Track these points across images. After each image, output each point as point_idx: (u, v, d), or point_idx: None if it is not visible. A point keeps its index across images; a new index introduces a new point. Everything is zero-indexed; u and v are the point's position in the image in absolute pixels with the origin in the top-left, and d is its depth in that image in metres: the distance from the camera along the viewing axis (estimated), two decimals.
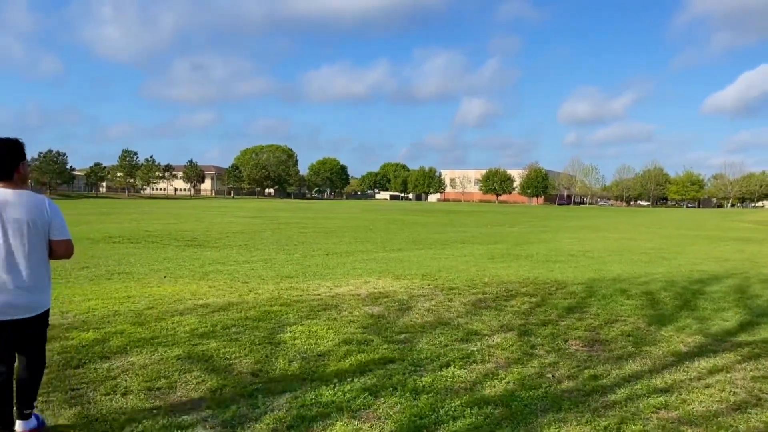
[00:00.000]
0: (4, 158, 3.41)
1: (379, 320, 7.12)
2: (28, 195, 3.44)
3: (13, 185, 3.43)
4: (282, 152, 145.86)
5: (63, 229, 3.54)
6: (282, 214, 45.16)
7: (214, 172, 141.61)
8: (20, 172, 3.48)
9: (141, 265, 12.77)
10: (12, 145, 3.48)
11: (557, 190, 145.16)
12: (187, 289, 9.48)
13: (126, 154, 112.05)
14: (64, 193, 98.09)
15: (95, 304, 7.88)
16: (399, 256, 15.95)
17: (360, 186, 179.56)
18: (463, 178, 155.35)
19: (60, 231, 3.52)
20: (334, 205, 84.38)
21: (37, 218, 3.41)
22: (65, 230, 3.56)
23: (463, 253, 16.84)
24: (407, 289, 9.82)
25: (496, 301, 8.76)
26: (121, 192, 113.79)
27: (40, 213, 3.43)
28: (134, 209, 48.32)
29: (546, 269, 13.03)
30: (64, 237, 3.53)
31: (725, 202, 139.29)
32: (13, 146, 3.47)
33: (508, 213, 62.82)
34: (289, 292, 9.26)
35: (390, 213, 52.48)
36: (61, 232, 3.51)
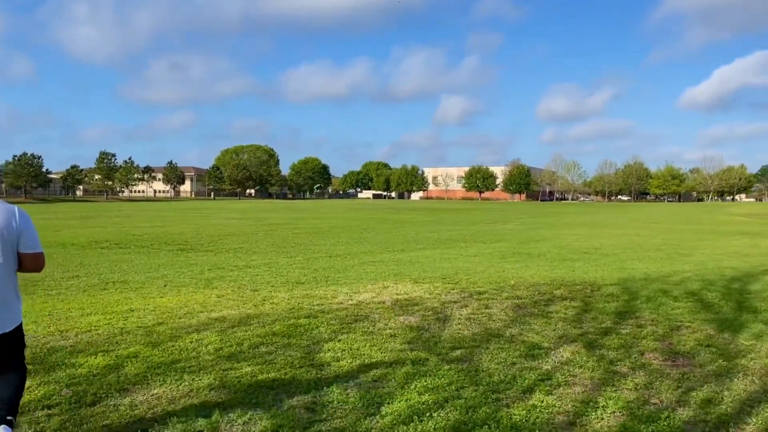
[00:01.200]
0: None
1: (421, 333, 6.36)
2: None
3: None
4: (263, 152, 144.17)
5: (33, 242, 3.30)
6: (268, 215, 44.17)
7: (193, 174, 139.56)
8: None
9: (136, 273, 11.88)
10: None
11: (540, 186, 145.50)
12: (193, 300, 8.64)
13: (104, 156, 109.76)
14: (40, 197, 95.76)
15: (97, 321, 7.01)
16: (406, 257, 15.21)
17: (342, 185, 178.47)
18: (446, 176, 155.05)
19: (30, 243, 3.27)
20: (318, 204, 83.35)
21: (4, 228, 3.18)
22: (36, 242, 3.31)
23: (471, 253, 16.15)
24: (433, 294, 9.08)
25: (536, 306, 8.06)
26: (99, 195, 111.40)
27: (9, 223, 3.20)
28: (115, 212, 46.95)
29: (567, 269, 12.38)
30: (35, 250, 3.30)
31: (705, 195, 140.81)
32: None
33: (496, 210, 62.43)
34: (307, 301, 8.46)
35: (377, 212, 51.72)
36: (31, 245, 3.27)
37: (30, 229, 3.29)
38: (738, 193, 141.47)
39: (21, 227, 3.23)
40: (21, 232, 3.23)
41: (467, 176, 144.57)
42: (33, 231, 3.31)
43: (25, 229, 3.25)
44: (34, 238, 3.29)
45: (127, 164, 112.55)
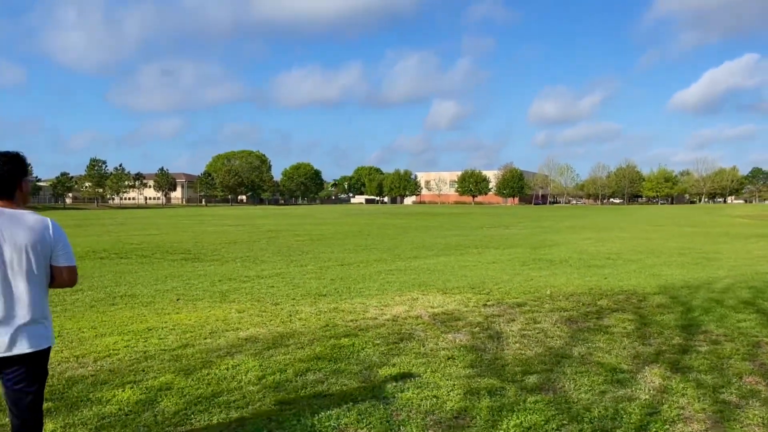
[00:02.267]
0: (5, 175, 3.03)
1: (480, 354, 5.72)
2: (30, 215, 3.06)
3: (14, 204, 3.05)
4: (255, 158, 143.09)
5: (68, 255, 3.12)
6: (264, 221, 43.38)
7: (184, 180, 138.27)
8: (22, 189, 3.10)
9: (143, 285, 11.17)
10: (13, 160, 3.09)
11: (533, 190, 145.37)
12: (213, 316, 7.96)
13: (94, 163, 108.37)
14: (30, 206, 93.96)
15: (114, 343, 6.32)
16: (422, 265, 14.58)
17: (334, 190, 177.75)
18: (439, 180, 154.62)
19: (64, 256, 3.10)
20: (312, 210, 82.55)
21: (38, 242, 2.99)
22: (70, 255, 3.14)
23: (489, 260, 15.55)
24: (470, 307, 8.45)
25: (587, 319, 7.45)
26: (89, 202, 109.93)
27: (42, 236, 3.01)
28: (108, 220, 45.98)
29: (597, 276, 11.80)
30: (69, 263, 3.11)
31: (698, 198, 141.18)
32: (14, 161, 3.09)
33: (493, 214, 61.93)
34: (338, 317, 7.81)
35: (375, 217, 51.05)
36: (65, 258, 3.10)
37: (64, 241, 3.10)
38: (729, 195, 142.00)
39: (55, 240, 3.05)
40: (56, 244, 3.05)
41: (460, 180, 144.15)
42: (67, 244, 3.12)
43: (59, 241, 3.07)
44: (68, 250, 3.11)
45: (117, 171, 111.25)
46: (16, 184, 3.02)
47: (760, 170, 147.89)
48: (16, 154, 3.07)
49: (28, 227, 2.96)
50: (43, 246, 2.99)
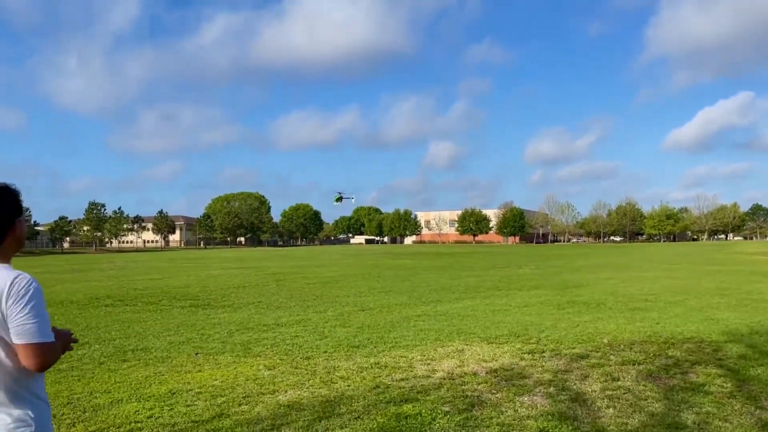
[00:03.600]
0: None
1: (576, 425, 4.81)
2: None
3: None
4: (254, 199, 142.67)
5: (25, 328, 2.10)
6: (268, 263, 42.38)
7: (183, 223, 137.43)
8: (15, 232, 2.29)
9: (154, 337, 10.22)
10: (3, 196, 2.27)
11: (533, 228, 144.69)
12: (241, 374, 7.03)
13: (93, 206, 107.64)
14: (27, 250, 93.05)
15: (134, 412, 5.39)
16: (449, 309, 13.66)
17: (333, 231, 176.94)
18: (439, 220, 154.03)
19: (18, 330, 2.09)
20: (313, 251, 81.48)
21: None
22: (29, 330, 2.10)
23: (518, 303, 14.62)
24: (527, 360, 7.54)
25: (670, 375, 6.54)
26: (88, 246, 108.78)
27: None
28: (108, 264, 44.92)
29: (647, 320, 10.90)
30: (24, 340, 2.10)
31: (700, 235, 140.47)
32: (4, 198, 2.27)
33: (498, 254, 60.99)
34: (384, 374, 6.88)
35: (379, 258, 50.06)
36: (19, 332, 2.10)
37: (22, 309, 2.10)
38: (731, 232, 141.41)
39: (10, 305, 2.10)
40: (9, 313, 2.10)
41: (460, 219, 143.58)
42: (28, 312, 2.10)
43: (14, 309, 2.10)
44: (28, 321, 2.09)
45: (116, 214, 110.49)
46: (5, 228, 2.24)
47: (760, 207, 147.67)
48: (5, 187, 2.27)
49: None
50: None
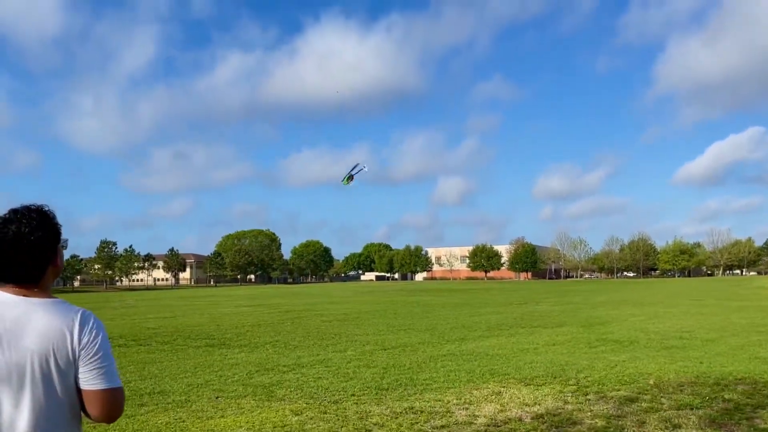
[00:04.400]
0: (34, 249, 1.83)
1: None
2: (48, 308, 1.82)
3: (36, 291, 1.84)
4: (265, 237, 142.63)
5: (104, 370, 1.81)
6: (280, 300, 41.87)
7: (193, 260, 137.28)
8: (57, 262, 1.92)
9: (171, 379, 9.77)
10: (45, 221, 1.88)
11: (545, 264, 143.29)
12: (267, 421, 6.56)
13: (105, 244, 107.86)
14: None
15: None
16: (474, 348, 13.12)
17: (343, 268, 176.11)
18: (450, 256, 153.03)
19: (97, 373, 1.80)
20: (324, 288, 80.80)
21: (54, 349, 1.77)
22: (109, 371, 1.83)
23: (546, 341, 14.06)
24: (573, 404, 7.02)
25: (734, 420, 6.01)
26: (98, 284, 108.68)
27: (61, 340, 1.78)
28: (118, 302, 44.55)
29: (689, 360, 10.34)
30: (106, 385, 1.81)
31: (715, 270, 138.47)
32: (47, 224, 1.88)
33: (513, 290, 60.14)
34: (422, 420, 6.42)
35: (392, 295, 49.39)
36: (99, 376, 1.80)
37: (98, 348, 1.83)
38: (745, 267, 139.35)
39: (84, 345, 1.81)
40: (83, 353, 1.81)
41: (472, 255, 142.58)
42: (106, 352, 1.85)
43: (90, 348, 1.82)
44: (105, 364, 1.83)
45: (127, 252, 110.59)
46: (48, 259, 1.89)
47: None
48: (43, 211, 1.91)
49: (39, 329, 1.79)
50: (62, 355, 1.79)
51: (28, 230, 1.82)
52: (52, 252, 1.90)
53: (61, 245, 1.97)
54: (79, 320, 1.82)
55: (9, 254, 1.81)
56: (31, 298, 1.83)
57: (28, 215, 1.85)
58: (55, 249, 1.92)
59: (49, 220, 1.91)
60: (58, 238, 1.94)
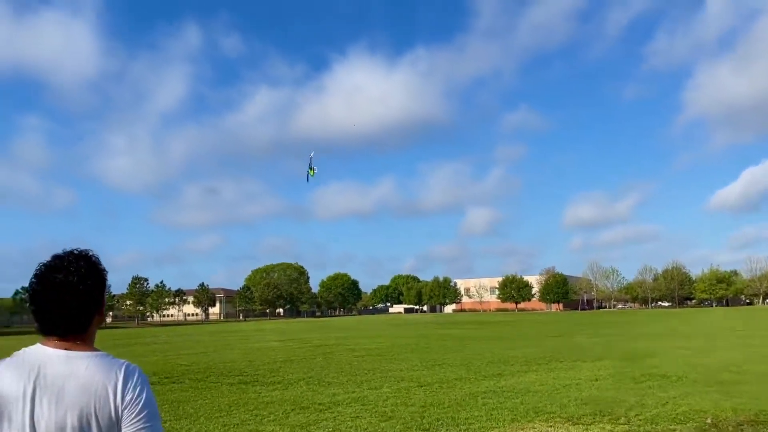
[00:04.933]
0: (83, 298, 1.70)
1: None
2: (91, 363, 1.68)
3: (79, 344, 1.72)
4: (293, 270, 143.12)
5: (149, 428, 1.67)
6: (310, 335, 41.60)
7: (223, 295, 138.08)
8: (102, 313, 1.80)
9: (207, 419, 9.63)
10: (94, 270, 1.76)
11: (577, 294, 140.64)
12: None
13: (136, 281, 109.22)
14: None
15: None
16: (513, 384, 12.70)
17: (371, 300, 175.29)
18: (479, 287, 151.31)
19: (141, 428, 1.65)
20: (354, 321, 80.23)
21: (96, 408, 1.63)
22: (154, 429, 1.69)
23: (587, 376, 13.57)
24: None
25: None
26: (129, 320, 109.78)
27: (104, 398, 1.64)
28: (151, 338, 44.74)
29: (746, 396, 9.84)
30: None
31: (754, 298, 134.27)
32: (96, 272, 1.77)
33: (546, 322, 58.99)
34: None
35: (423, 328, 48.77)
36: None
37: (144, 404, 1.70)
38: None
39: (128, 403, 1.68)
40: (126, 411, 1.68)
41: (502, 286, 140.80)
42: (152, 410, 1.72)
43: (135, 405, 1.69)
44: (150, 423, 1.70)
45: (158, 288, 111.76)
46: (95, 308, 1.78)
47: None
48: (92, 258, 1.80)
49: (82, 386, 1.67)
50: (103, 416, 1.66)
51: (77, 279, 1.71)
52: (99, 301, 1.79)
53: (107, 293, 1.86)
54: (123, 376, 1.70)
55: (55, 305, 1.69)
56: (75, 352, 1.71)
57: (75, 263, 1.74)
58: (102, 297, 1.82)
59: (97, 268, 1.80)
60: (104, 285, 1.82)
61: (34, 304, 1.71)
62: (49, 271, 1.72)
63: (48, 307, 1.70)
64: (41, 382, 1.64)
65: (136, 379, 1.72)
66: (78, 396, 1.64)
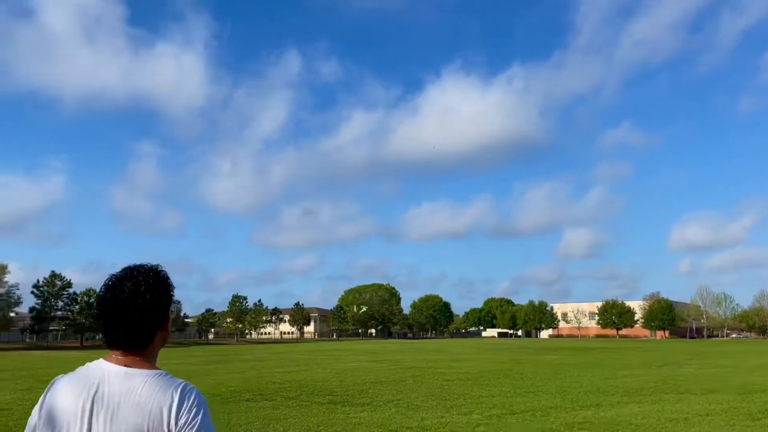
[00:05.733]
0: (147, 311, 1.68)
1: None
2: (149, 382, 1.61)
3: (140, 360, 1.68)
4: (385, 291, 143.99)
5: None
6: (401, 356, 41.46)
7: (317, 315, 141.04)
8: (166, 330, 1.78)
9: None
10: (161, 283, 1.75)
11: (685, 321, 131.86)
12: None
13: (236, 299, 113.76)
14: (176, 341, 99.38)
15: None
16: (614, 416, 11.93)
17: (463, 323, 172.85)
18: (577, 312, 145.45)
19: None
20: (445, 344, 79.30)
21: (150, 429, 1.55)
22: None
23: (697, 410, 12.53)
24: None
25: None
26: (230, 338, 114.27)
27: (158, 420, 1.56)
28: (248, 355, 46.28)
29: None
30: None
31: None
32: (162, 285, 1.75)
33: (650, 350, 55.62)
34: None
35: (517, 353, 47.36)
36: None
37: (196, 428, 1.60)
38: None
39: (182, 426, 1.58)
40: None
41: (601, 312, 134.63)
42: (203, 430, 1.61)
43: (189, 426, 1.59)
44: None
45: (257, 307, 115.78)
46: (159, 322, 1.76)
47: None
48: (161, 272, 1.80)
49: (137, 405, 1.60)
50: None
51: (145, 288, 1.70)
52: (164, 314, 1.77)
53: (172, 310, 1.82)
54: (179, 397, 1.62)
55: (122, 314, 1.68)
56: (134, 369, 1.67)
57: (145, 273, 1.74)
58: (167, 312, 1.79)
59: (165, 281, 1.79)
60: (171, 300, 1.80)
61: (101, 313, 1.71)
62: (119, 281, 1.72)
63: (114, 317, 1.68)
64: (99, 399, 1.61)
65: (192, 401, 1.64)
66: (133, 415, 1.59)
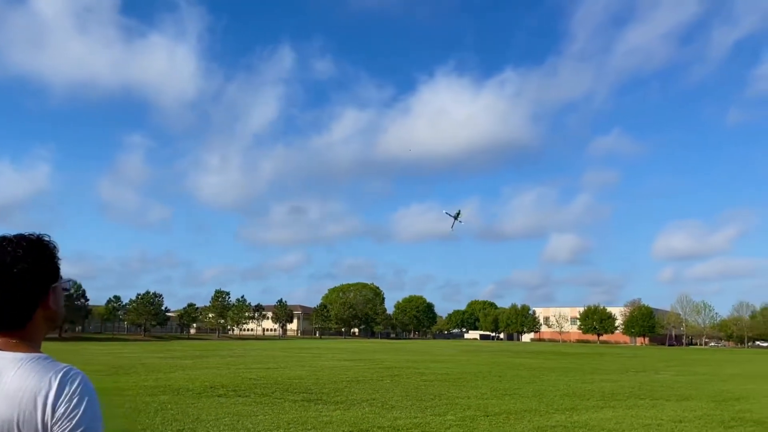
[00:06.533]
0: (17, 283, 1.41)
1: None
2: (24, 366, 1.36)
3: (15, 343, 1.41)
4: (369, 290, 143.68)
5: None
6: (381, 356, 41.33)
7: (300, 312, 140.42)
8: (49, 305, 1.48)
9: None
10: (34, 250, 1.46)
11: (664, 329, 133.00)
12: None
13: (219, 294, 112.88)
14: (158, 335, 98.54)
15: None
16: (588, 420, 11.89)
17: (446, 325, 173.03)
18: (559, 317, 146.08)
19: None
20: (427, 345, 79.27)
21: (19, 421, 1.32)
22: None
23: (671, 417, 12.53)
24: None
25: None
26: (211, 333, 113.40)
27: (30, 409, 1.32)
28: (227, 351, 45.91)
29: None
30: None
31: None
32: (36, 253, 1.46)
33: (629, 356, 55.97)
34: None
35: (497, 355, 47.40)
36: None
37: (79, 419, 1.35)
38: None
39: (59, 417, 1.34)
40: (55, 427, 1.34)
41: (583, 317, 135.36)
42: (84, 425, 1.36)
43: (66, 419, 1.34)
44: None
45: (239, 302, 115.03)
46: (34, 299, 1.47)
47: None
48: (38, 242, 1.51)
49: (6, 393, 1.35)
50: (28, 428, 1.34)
51: (12, 259, 1.43)
52: (40, 290, 1.48)
53: (61, 285, 1.54)
54: (58, 383, 1.37)
55: None
56: (7, 353, 1.40)
57: (15, 243, 1.46)
58: (47, 288, 1.49)
59: (42, 252, 1.49)
60: (53, 275, 1.51)
61: None
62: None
63: None
64: None
65: (74, 389, 1.38)
66: (10, 399, 1.34)
